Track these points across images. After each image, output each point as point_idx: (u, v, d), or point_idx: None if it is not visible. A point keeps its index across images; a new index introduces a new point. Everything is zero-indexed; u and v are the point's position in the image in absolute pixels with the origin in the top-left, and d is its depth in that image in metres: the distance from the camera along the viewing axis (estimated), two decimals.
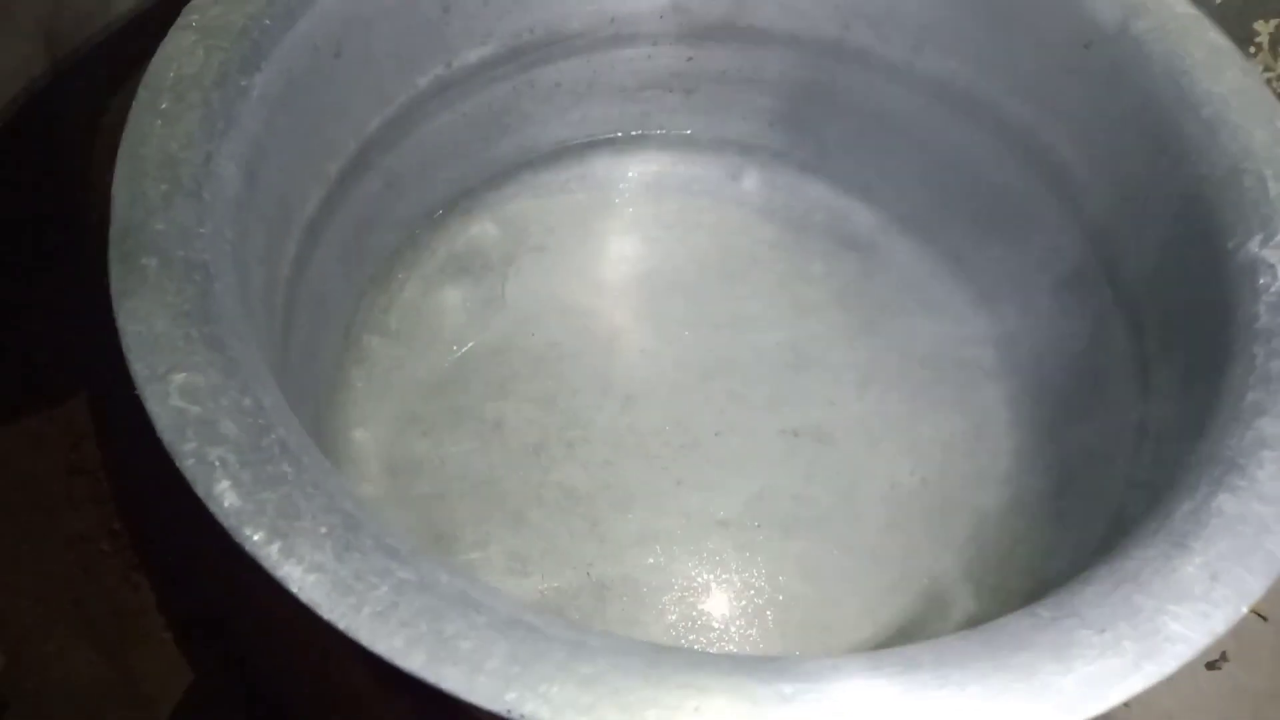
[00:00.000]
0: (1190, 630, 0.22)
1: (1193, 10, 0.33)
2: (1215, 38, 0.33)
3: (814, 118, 0.42)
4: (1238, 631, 0.39)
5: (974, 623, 0.34)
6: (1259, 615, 0.40)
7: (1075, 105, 0.36)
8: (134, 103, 0.27)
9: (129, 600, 0.41)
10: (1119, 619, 0.22)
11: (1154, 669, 0.21)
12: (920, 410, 0.39)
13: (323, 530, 0.21)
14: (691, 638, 0.35)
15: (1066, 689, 0.21)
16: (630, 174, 0.45)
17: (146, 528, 0.42)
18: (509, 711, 0.19)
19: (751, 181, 0.44)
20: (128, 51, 0.43)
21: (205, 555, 0.41)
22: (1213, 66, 0.32)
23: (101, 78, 0.44)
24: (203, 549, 0.40)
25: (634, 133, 0.44)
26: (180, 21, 0.29)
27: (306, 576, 0.21)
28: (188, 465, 0.22)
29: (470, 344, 0.40)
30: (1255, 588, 0.23)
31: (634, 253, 0.43)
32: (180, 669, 0.40)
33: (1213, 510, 0.24)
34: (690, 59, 0.41)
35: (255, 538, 0.21)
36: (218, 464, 0.22)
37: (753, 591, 0.36)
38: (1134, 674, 0.21)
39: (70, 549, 0.42)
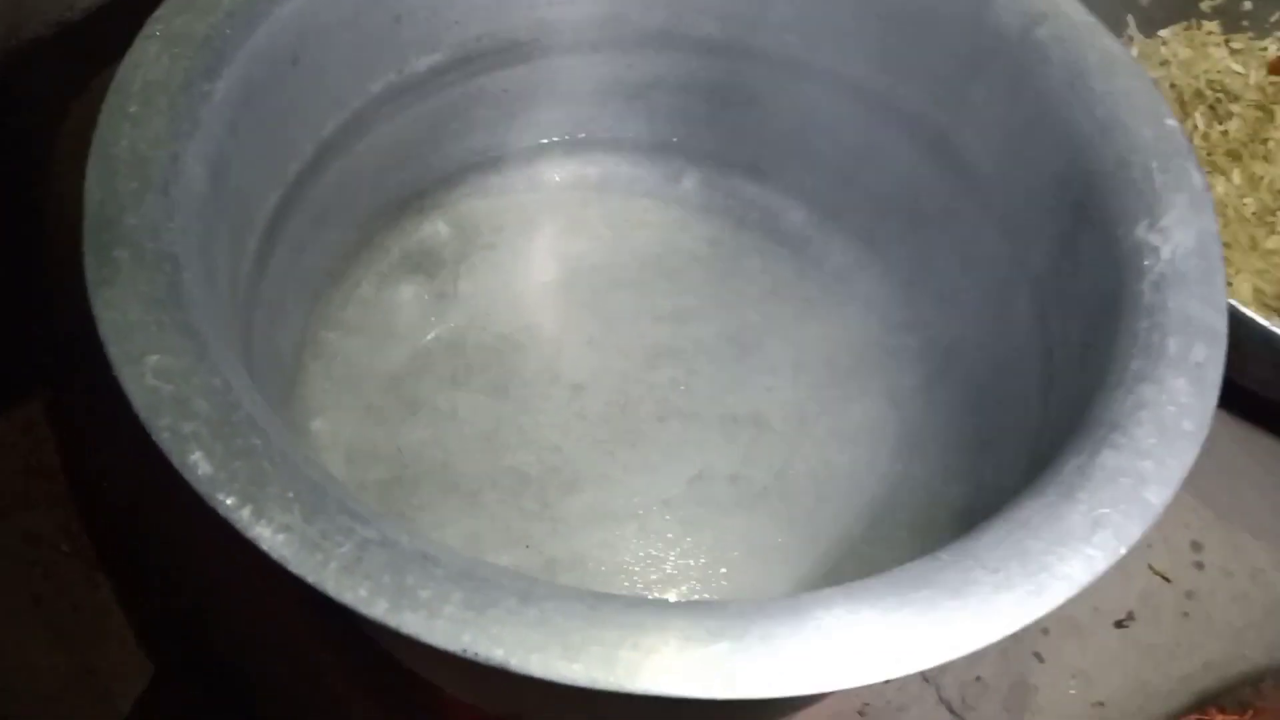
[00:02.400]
0: (1075, 570, 0.24)
1: (1089, 18, 0.36)
2: (1109, 43, 0.36)
3: (748, 121, 0.45)
4: (1143, 593, 0.42)
5: None
6: (1162, 577, 0.43)
7: (981, 107, 0.38)
8: (103, 106, 0.29)
9: (89, 598, 0.41)
10: (1010, 559, 0.25)
11: (1041, 602, 0.24)
12: (850, 394, 0.42)
13: (290, 495, 0.23)
14: None
15: (964, 621, 0.23)
16: (576, 175, 0.47)
17: (106, 528, 0.43)
18: (464, 651, 0.21)
19: (691, 182, 0.47)
20: (87, 49, 0.44)
21: (167, 552, 0.42)
22: (1106, 69, 0.35)
23: (61, 76, 0.45)
24: (165, 546, 0.41)
25: (580, 135, 0.46)
26: (145, 31, 0.30)
27: (276, 536, 0.22)
28: (163, 438, 0.23)
29: (425, 338, 0.42)
30: (1133, 532, 0.25)
31: (580, 250, 0.45)
32: (141, 664, 0.40)
33: (1097, 465, 0.26)
34: (630, 65, 0.44)
35: (228, 502, 0.23)
36: (191, 437, 0.23)
37: (696, 564, 0.38)
38: (1023, 606, 0.24)
39: (28, 548, 0.43)
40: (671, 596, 0.37)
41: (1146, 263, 0.31)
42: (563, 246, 0.45)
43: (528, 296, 0.44)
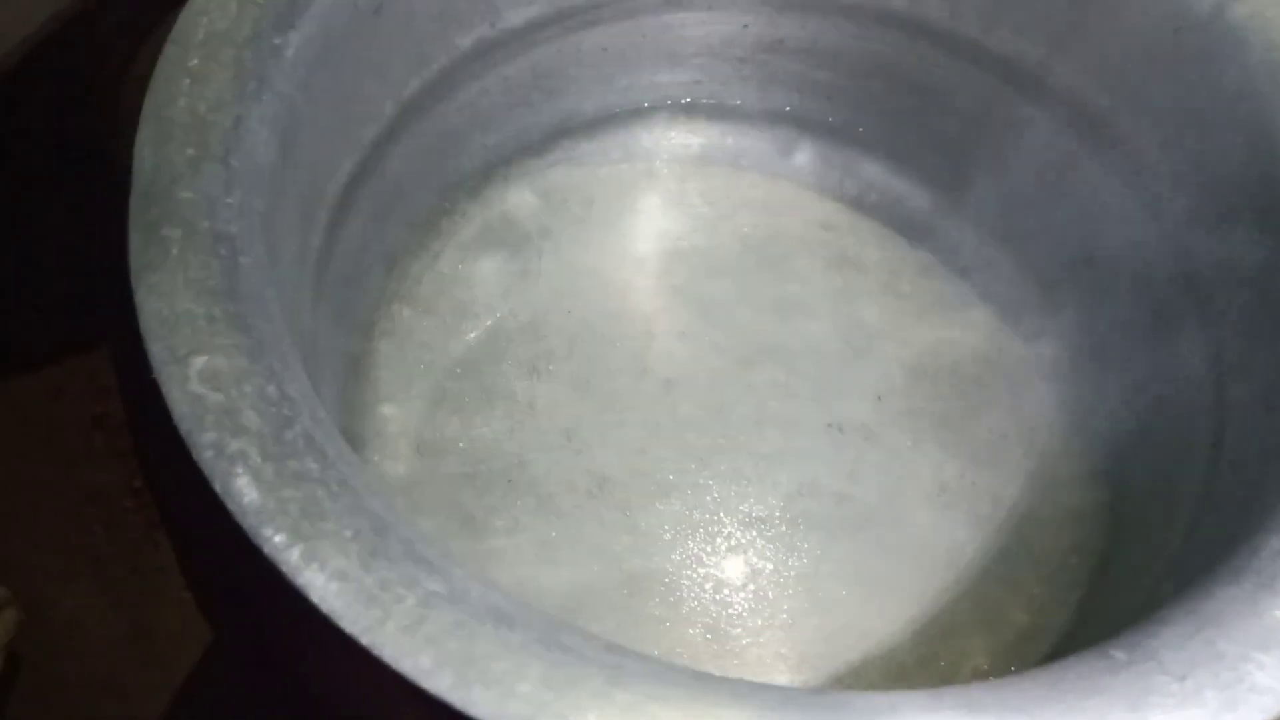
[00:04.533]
0: (1278, 682, 0.20)
1: None
2: None
3: (874, 93, 0.40)
4: None
5: (1025, 637, 0.33)
6: None
7: (1157, 95, 0.33)
8: (161, 59, 0.26)
9: (150, 558, 0.40)
10: (1199, 665, 0.20)
11: None
12: (972, 408, 0.38)
13: (348, 534, 0.20)
14: (726, 638, 0.33)
15: None
16: (676, 145, 0.43)
17: (169, 486, 0.42)
18: None
19: (804, 157, 0.42)
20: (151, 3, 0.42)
21: (228, 516, 0.40)
22: None
23: (130, 23, 0.42)
24: (225, 510, 0.40)
25: (683, 101, 0.42)
26: None
27: (329, 585, 0.19)
28: (205, 458, 0.20)
29: (504, 318, 0.39)
30: None
31: (677, 229, 0.41)
32: (199, 629, 0.38)
33: None
34: (746, 25, 0.39)
35: (276, 540, 0.20)
36: (238, 457, 0.20)
37: (790, 593, 0.34)
38: None
39: (91, 504, 0.41)
40: (765, 633, 0.34)
41: None
42: (658, 224, 0.42)
43: (617, 278, 0.40)
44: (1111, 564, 0.33)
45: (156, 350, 0.21)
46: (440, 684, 0.18)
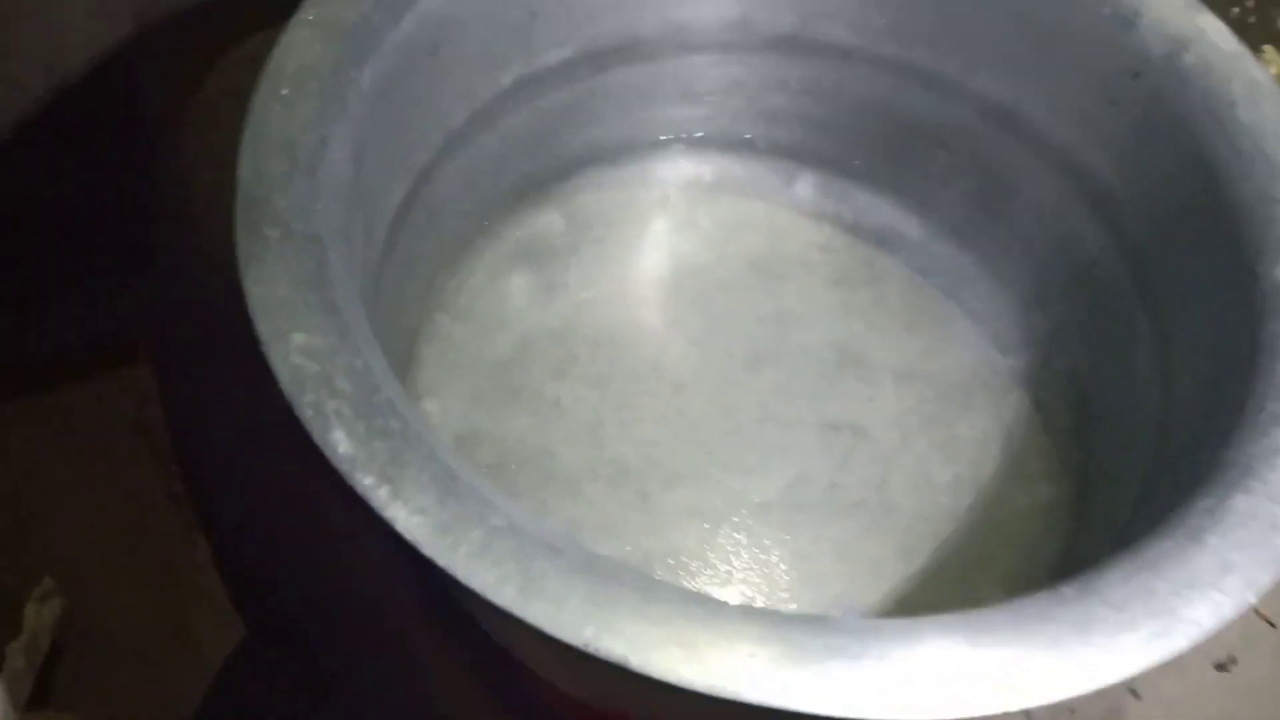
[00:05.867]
0: (1201, 614, 0.24)
1: (1239, 47, 0.35)
2: (1257, 73, 0.35)
3: (868, 129, 0.44)
4: (1245, 636, 0.41)
5: None
6: (1266, 621, 0.41)
7: (1117, 131, 0.37)
8: (256, 89, 0.30)
9: (186, 556, 0.43)
10: (1135, 599, 0.24)
11: (1166, 645, 0.23)
12: (955, 411, 0.41)
13: (425, 478, 0.24)
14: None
15: (1086, 658, 0.23)
16: (689, 174, 0.47)
17: (205, 489, 0.44)
18: (586, 645, 0.22)
19: (805, 187, 0.47)
20: (211, 31, 0.46)
21: (262, 518, 0.43)
22: (1252, 100, 0.34)
23: (187, 54, 0.46)
24: (260, 512, 0.42)
25: (697, 135, 0.46)
26: (299, 16, 0.31)
27: (411, 518, 0.23)
28: (307, 415, 0.24)
29: (533, 327, 0.43)
30: (1263, 579, 0.25)
31: (689, 249, 0.45)
32: (234, 624, 0.41)
33: (1228, 508, 0.26)
34: (754, 68, 0.44)
35: (367, 481, 0.24)
36: (334, 415, 0.24)
37: (786, 569, 0.38)
38: (1148, 648, 0.23)
39: (131, 504, 0.44)
40: (762, 600, 0.37)
41: None
42: (672, 244, 0.46)
43: (634, 292, 0.44)
44: (1077, 544, 0.37)
45: (263, 329, 0.25)
46: (504, 597, 0.22)
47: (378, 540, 0.33)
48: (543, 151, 0.44)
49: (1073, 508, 0.38)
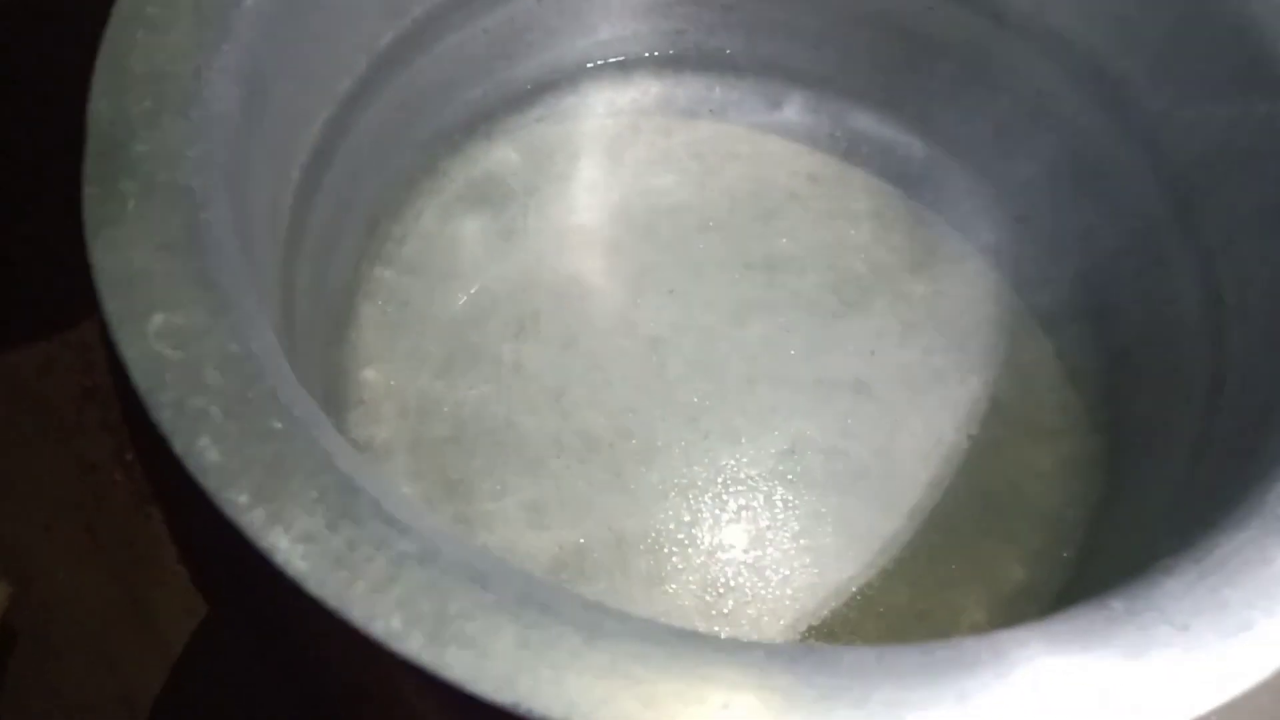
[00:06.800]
0: None
1: None
2: None
3: (864, 40, 0.39)
4: None
5: (1022, 591, 0.32)
6: None
7: (1153, 31, 0.32)
8: (116, 7, 0.25)
9: (142, 530, 0.41)
10: (1202, 614, 0.20)
11: (1244, 672, 0.19)
12: (968, 361, 0.37)
13: (314, 494, 0.19)
14: (720, 598, 0.33)
15: (1141, 697, 0.18)
16: (662, 98, 0.42)
17: (159, 457, 0.41)
18: (516, 705, 0.17)
19: (793, 109, 0.41)
20: None
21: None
22: None
23: None
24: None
25: (669, 52, 0.41)
26: None
27: (295, 546, 0.19)
28: (165, 417, 0.20)
29: (489, 279, 0.38)
30: None
31: (664, 184, 0.40)
32: (194, 602, 0.39)
33: None
34: None
35: (240, 500, 0.19)
36: (199, 416, 0.20)
37: (783, 550, 0.34)
38: (1220, 675, 0.19)
39: (83, 477, 0.42)
40: (760, 591, 0.33)
41: None
42: (644, 180, 0.41)
43: (603, 236, 0.39)
44: (1110, 515, 0.32)
45: (112, 309, 0.21)
46: (412, 646, 0.18)
47: None
48: (492, 77, 0.39)
49: (1104, 472, 0.33)
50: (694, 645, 0.19)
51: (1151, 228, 0.34)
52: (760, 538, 0.34)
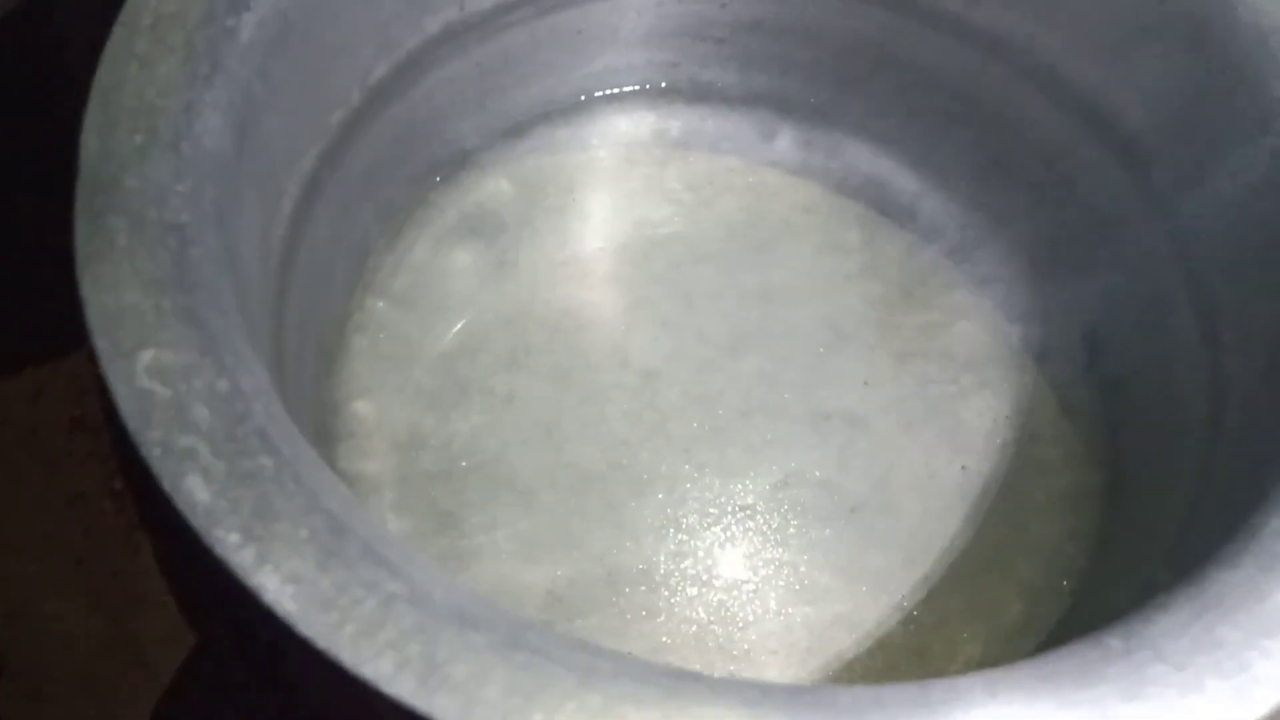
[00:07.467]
0: None
1: None
2: None
3: (856, 73, 0.39)
4: None
5: (1019, 626, 0.32)
6: None
7: (1146, 67, 0.32)
8: (108, 43, 0.25)
9: (130, 561, 0.39)
10: (1199, 653, 0.19)
11: (1242, 711, 0.19)
12: (963, 393, 0.37)
13: (303, 534, 0.19)
14: (713, 632, 0.32)
15: None
16: (655, 130, 0.42)
17: (148, 487, 0.41)
18: None
19: (785, 141, 0.41)
20: None
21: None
22: None
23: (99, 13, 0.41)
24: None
25: (661, 85, 0.41)
26: None
27: (284, 588, 0.18)
28: (153, 456, 0.19)
29: (481, 312, 0.38)
30: None
31: (657, 216, 0.40)
32: (182, 632, 0.37)
33: None
34: (724, 5, 0.38)
35: (229, 539, 0.19)
36: (187, 455, 0.19)
37: (778, 585, 0.33)
38: (1218, 716, 0.19)
39: (71, 507, 0.41)
40: (755, 626, 0.33)
41: None
42: (638, 212, 0.40)
43: (597, 268, 0.39)
44: (1108, 549, 0.32)
45: (102, 344, 0.20)
46: (402, 690, 0.18)
47: None
48: (485, 109, 0.38)
49: (1102, 505, 0.33)
50: (688, 685, 0.18)
51: (1148, 262, 0.34)
52: (754, 572, 0.34)
